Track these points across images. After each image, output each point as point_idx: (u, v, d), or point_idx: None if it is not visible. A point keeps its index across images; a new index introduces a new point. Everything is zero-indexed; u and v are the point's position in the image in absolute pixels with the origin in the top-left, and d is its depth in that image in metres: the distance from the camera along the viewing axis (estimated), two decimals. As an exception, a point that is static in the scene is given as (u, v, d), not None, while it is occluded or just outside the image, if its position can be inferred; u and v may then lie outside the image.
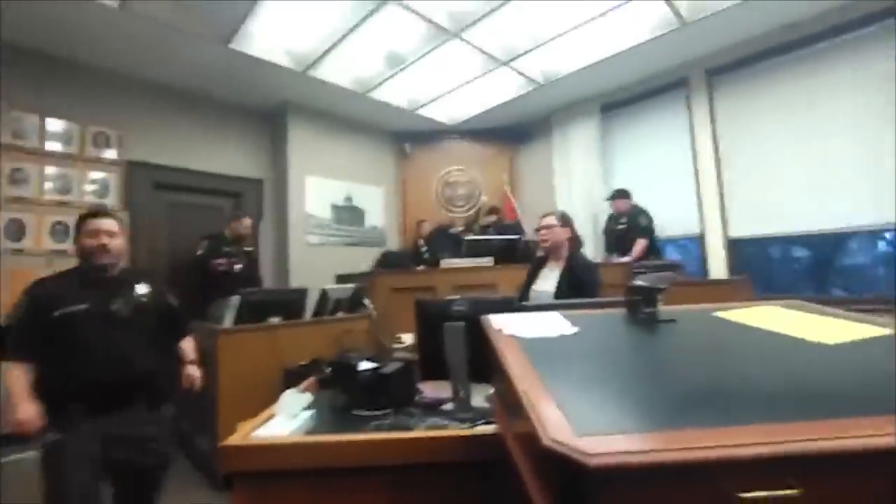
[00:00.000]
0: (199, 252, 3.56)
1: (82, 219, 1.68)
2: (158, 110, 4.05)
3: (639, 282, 0.93)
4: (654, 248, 3.99)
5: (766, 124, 3.74)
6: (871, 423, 0.47)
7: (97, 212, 1.73)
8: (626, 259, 3.74)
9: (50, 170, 3.43)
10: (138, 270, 1.86)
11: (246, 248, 3.88)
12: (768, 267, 4.12)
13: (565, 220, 2.44)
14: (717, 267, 3.95)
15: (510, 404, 0.70)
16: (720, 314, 0.91)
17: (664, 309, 0.94)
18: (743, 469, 0.43)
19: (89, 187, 3.62)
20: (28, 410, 1.45)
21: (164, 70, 3.88)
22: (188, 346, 1.89)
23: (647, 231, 3.94)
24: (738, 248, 3.92)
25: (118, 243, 1.68)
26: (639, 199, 4.49)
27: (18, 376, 1.49)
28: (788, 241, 3.89)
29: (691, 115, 4.16)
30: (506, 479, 0.74)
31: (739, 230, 3.89)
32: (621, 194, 4.17)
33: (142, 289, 1.72)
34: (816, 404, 0.53)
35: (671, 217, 4.26)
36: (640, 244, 3.88)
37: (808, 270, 4.03)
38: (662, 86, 4.33)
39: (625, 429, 0.49)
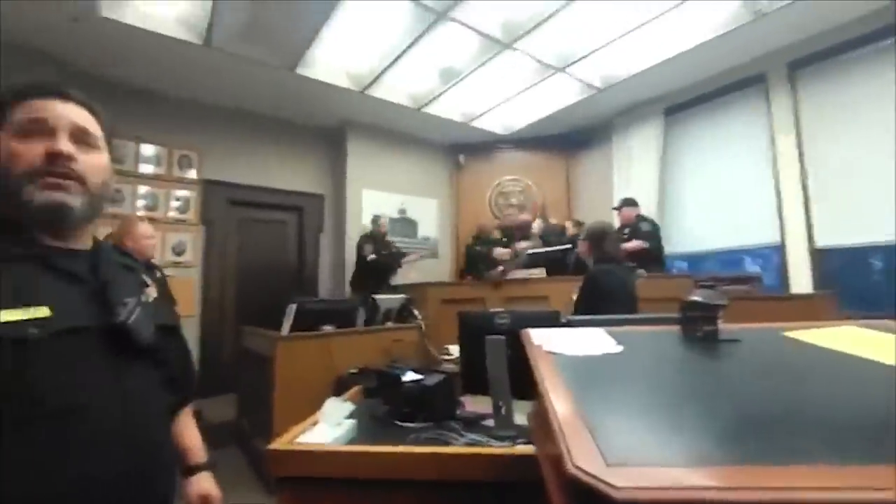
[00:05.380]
0: (371, 255, 4.16)
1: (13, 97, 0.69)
2: (232, 133, 4.43)
3: (695, 297, 0.84)
4: (660, 259, 3.72)
5: (857, 119, 3.32)
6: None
7: (44, 84, 0.71)
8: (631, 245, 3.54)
9: (142, 189, 3.86)
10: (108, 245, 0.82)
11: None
12: (866, 280, 3.63)
13: (586, 235, 2.38)
14: (802, 280, 3.53)
15: (544, 425, 0.66)
16: (791, 334, 0.80)
17: (725, 327, 0.85)
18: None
19: (174, 203, 4.02)
20: None
21: (238, 97, 4.25)
22: (194, 430, 0.94)
23: (649, 236, 3.69)
24: (825, 259, 3.48)
25: (100, 164, 0.73)
26: (706, 205, 4.19)
27: None
28: (892, 250, 3.40)
29: (770, 113, 3.80)
30: (540, 503, 0.69)
31: (827, 239, 3.46)
32: (627, 203, 3.94)
33: (145, 281, 0.82)
34: (892, 446, 0.44)
35: (746, 225, 3.90)
36: (634, 243, 3.61)
37: (919, 285, 3.49)
38: (734, 83, 4.02)
39: (662, 461, 0.43)
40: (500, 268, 3.79)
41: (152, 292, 0.80)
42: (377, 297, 2.89)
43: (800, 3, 3.06)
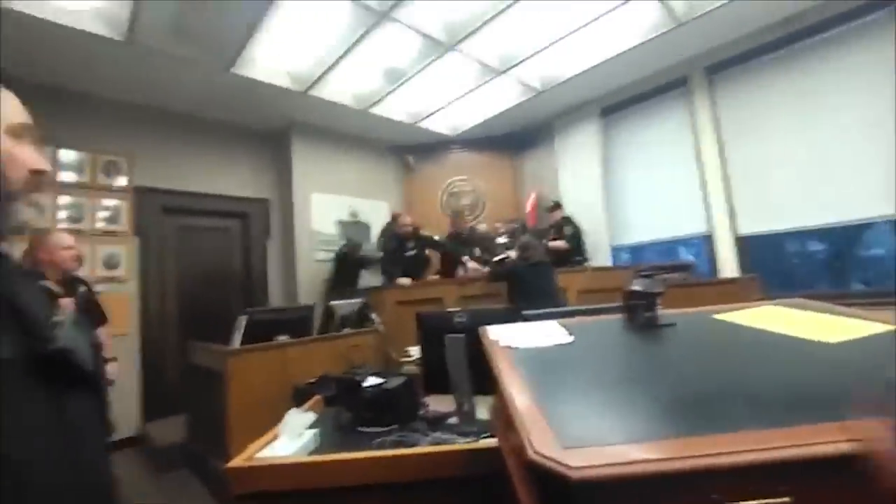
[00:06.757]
0: (392, 245, 4.28)
1: None
2: (165, 136, 4.15)
3: (636, 286, 0.92)
4: (580, 254, 4.35)
5: (771, 118, 3.69)
6: (867, 426, 0.45)
7: None
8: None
9: (63, 199, 3.53)
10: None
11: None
12: (783, 263, 4.03)
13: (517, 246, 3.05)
14: (728, 265, 3.88)
15: (504, 417, 0.70)
16: (720, 316, 0.89)
17: (664, 312, 0.93)
18: (731, 477, 0.42)
19: (101, 214, 3.71)
20: None
21: (170, 97, 3.98)
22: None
23: (571, 238, 4.33)
24: (748, 245, 3.84)
25: None
26: (644, 199, 4.49)
27: None
28: (803, 235, 3.81)
29: (693, 113, 4.13)
30: (507, 493, 0.73)
31: (749, 227, 3.82)
32: (556, 206, 4.54)
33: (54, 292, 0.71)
34: (812, 407, 0.52)
35: (678, 217, 4.22)
36: (558, 243, 4.28)
37: (825, 265, 3.93)
38: (662, 86, 4.32)
39: (611, 440, 0.48)
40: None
41: (69, 305, 0.70)
42: (333, 303, 2.83)
43: (715, 13, 3.34)
